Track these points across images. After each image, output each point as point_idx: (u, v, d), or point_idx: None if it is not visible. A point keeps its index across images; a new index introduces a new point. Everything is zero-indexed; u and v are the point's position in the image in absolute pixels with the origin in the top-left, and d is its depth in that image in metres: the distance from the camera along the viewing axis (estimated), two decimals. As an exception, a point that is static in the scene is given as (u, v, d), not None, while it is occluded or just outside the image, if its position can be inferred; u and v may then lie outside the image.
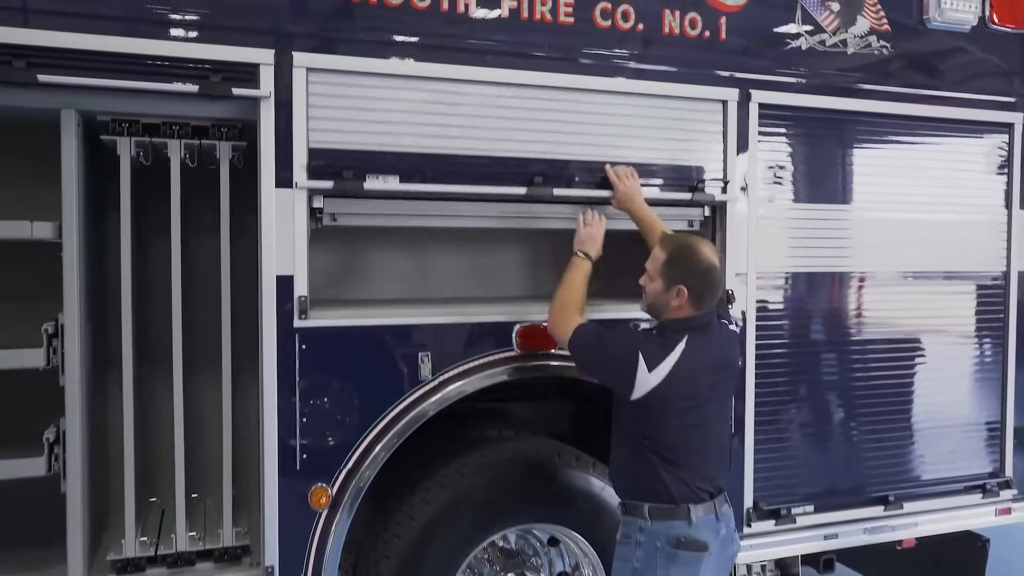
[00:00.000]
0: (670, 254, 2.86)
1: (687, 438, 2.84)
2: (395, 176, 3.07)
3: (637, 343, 2.82)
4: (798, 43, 3.64)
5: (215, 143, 3.03)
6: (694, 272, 2.83)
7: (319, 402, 3.03)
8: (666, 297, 2.85)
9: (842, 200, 3.78)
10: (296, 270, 2.98)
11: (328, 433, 3.05)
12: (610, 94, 3.34)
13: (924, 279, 3.98)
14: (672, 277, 2.83)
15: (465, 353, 3.23)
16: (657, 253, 2.91)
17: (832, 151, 3.77)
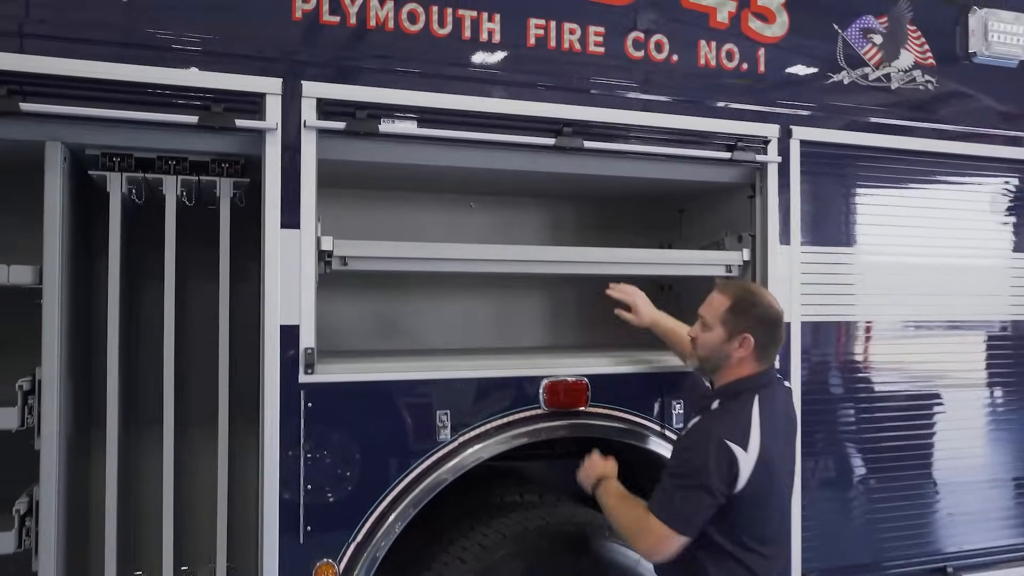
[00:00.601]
0: (735, 298, 2.58)
1: (780, 519, 2.54)
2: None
3: (715, 432, 2.42)
4: (840, 77, 3.42)
5: (215, 180, 2.76)
6: (763, 319, 2.55)
7: (326, 466, 2.72)
8: (727, 348, 2.55)
9: (893, 244, 3.51)
10: (302, 319, 2.69)
11: (336, 501, 2.73)
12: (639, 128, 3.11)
13: (983, 328, 3.71)
14: (737, 324, 2.54)
15: (487, 411, 2.92)
16: (716, 298, 2.62)
17: (879, 191, 3.52)
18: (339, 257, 2.81)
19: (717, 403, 2.56)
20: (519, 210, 3.87)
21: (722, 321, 2.56)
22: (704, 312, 2.63)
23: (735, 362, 2.56)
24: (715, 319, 2.58)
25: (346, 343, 3.43)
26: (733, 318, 2.55)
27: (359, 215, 3.51)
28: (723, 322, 2.56)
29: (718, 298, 2.61)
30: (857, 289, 3.44)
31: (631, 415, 3.09)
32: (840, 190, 3.45)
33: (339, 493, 2.73)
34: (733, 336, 2.54)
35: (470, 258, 3.08)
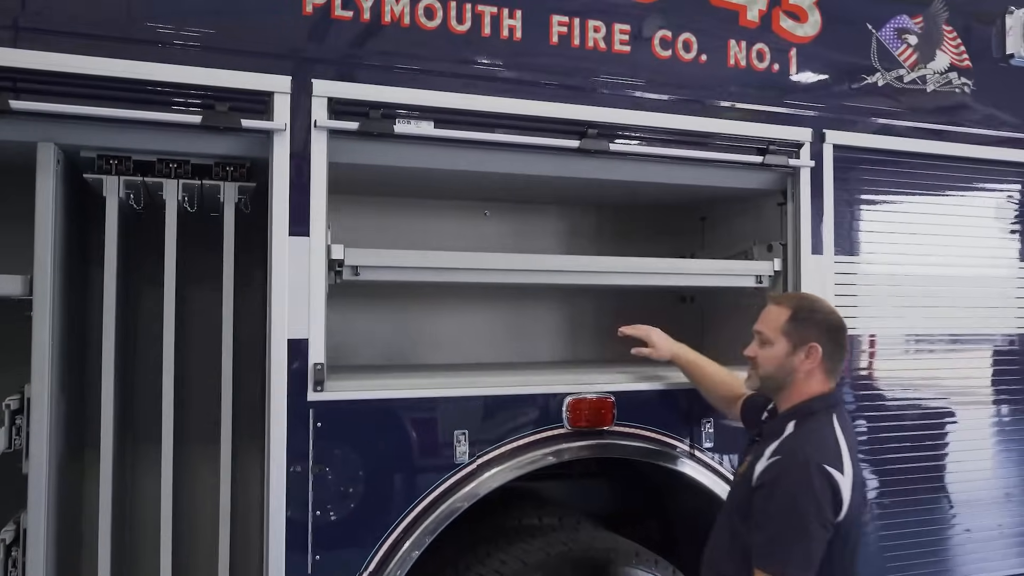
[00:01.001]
0: (795, 307, 2.40)
1: (859, 553, 2.35)
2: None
3: (810, 459, 2.19)
4: (874, 79, 3.26)
5: (219, 184, 2.59)
6: (827, 326, 2.37)
7: (336, 491, 2.53)
8: (792, 362, 2.36)
9: (930, 254, 3.34)
10: (311, 332, 2.52)
11: (346, 528, 2.54)
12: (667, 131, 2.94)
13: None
14: (801, 335, 2.35)
15: (507, 431, 2.74)
16: (773, 310, 2.43)
17: (915, 198, 3.35)
18: (350, 266, 2.65)
19: (792, 425, 2.33)
20: (535, 218, 3.71)
21: (784, 333, 2.37)
22: (762, 327, 2.44)
23: (802, 377, 2.36)
24: (775, 332, 2.39)
25: (356, 357, 3.26)
26: (796, 328, 2.36)
27: (369, 222, 3.34)
28: (785, 334, 2.37)
29: (775, 310, 2.43)
30: (894, 301, 3.26)
31: (660, 435, 2.92)
32: (875, 197, 3.28)
33: (350, 519, 2.54)
34: (798, 347, 2.35)
35: (487, 268, 2.92)
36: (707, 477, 2.98)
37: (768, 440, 2.35)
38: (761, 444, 2.38)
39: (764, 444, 2.35)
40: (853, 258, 3.22)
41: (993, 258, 3.47)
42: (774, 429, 2.38)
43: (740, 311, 3.50)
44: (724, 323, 3.67)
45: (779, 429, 2.35)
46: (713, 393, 2.89)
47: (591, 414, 2.81)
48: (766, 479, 2.24)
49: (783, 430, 2.33)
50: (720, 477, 2.99)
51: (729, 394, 2.85)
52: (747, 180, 3.16)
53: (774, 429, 2.38)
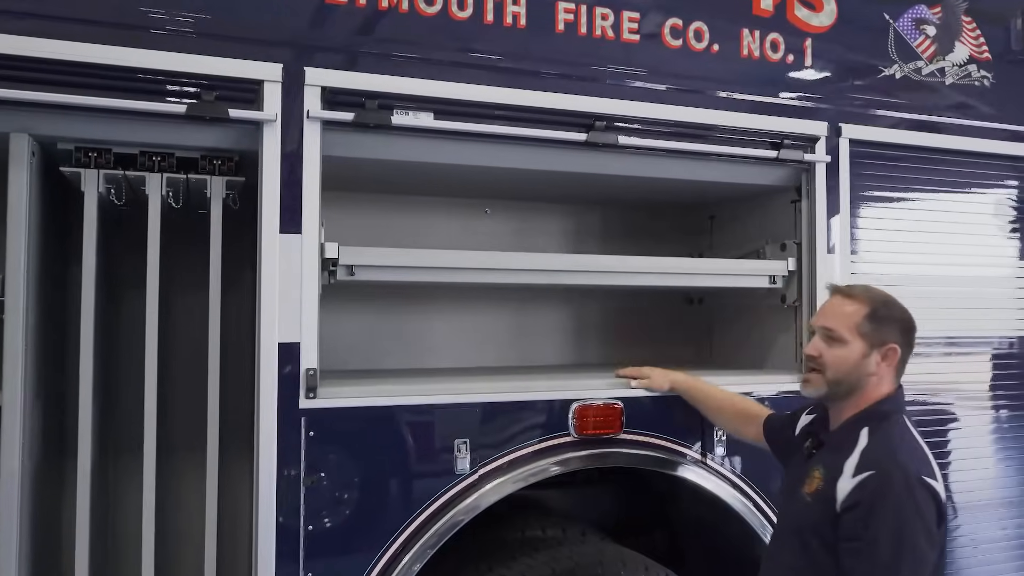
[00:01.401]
0: (873, 303, 2.17)
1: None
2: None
3: (907, 470, 1.99)
4: (891, 71, 3.13)
5: (205, 178, 2.44)
6: (906, 326, 2.18)
7: (330, 504, 2.39)
8: (868, 365, 2.14)
9: (950, 254, 3.21)
10: (303, 336, 2.37)
11: (341, 543, 2.40)
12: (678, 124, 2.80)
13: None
14: (879, 334, 2.14)
15: (510, 440, 2.59)
16: (844, 304, 2.19)
17: (934, 195, 3.22)
18: (345, 266, 2.50)
19: (866, 434, 2.10)
20: (538, 216, 3.57)
21: (860, 332, 2.14)
22: (832, 323, 2.18)
23: (872, 384, 2.16)
24: (850, 330, 2.15)
25: (351, 362, 3.11)
26: (874, 327, 2.14)
27: (365, 220, 3.19)
28: (862, 333, 2.14)
29: (847, 304, 2.18)
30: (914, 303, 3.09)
31: (670, 442, 2.78)
32: (893, 194, 3.15)
33: (345, 533, 2.40)
34: (875, 348, 2.14)
35: (489, 267, 2.78)
36: (719, 487, 2.85)
37: (838, 453, 2.11)
38: (828, 457, 2.14)
39: (834, 457, 2.11)
40: (870, 258, 3.09)
41: (1019, 257, 3.33)
42: (842, 440, 2.14)
43: (750, 313, 3.38)
44: (733, 325, 3.54)
45: (849, 439, 2.11)
46: (721, 416, 2.74)
47: (599, 421, 2.67)
48: (860, 498, 1.99)
49: (855, 440, 2.10)
50: (732, 486, 2.85)
51: (741, 415, 2.70)
52: (760, 176, 3.02)
53: (842, 440, 2.14)
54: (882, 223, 3.12)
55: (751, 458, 2.86)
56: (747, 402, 2.73)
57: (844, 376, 2.17)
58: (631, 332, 3.67)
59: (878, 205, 3.12)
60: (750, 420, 2.65)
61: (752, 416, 2.66)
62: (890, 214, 3.15)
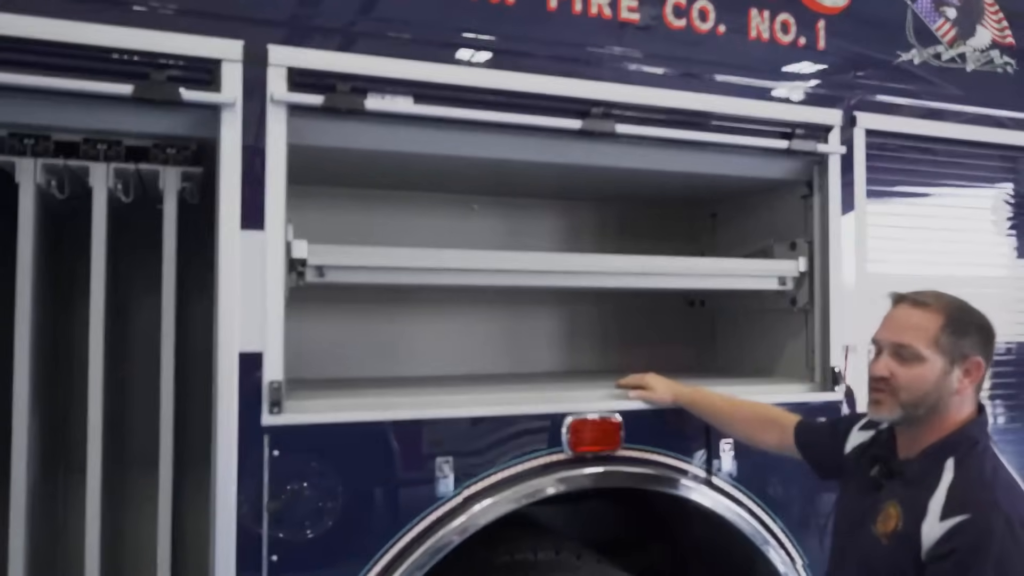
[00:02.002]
0: (950, 312, 1.88)
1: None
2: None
3: (1010, 514, 1.72)
4: (909, 56, 2.90)
5: (158, 169, 2.19)
6: (986, 335, 1.90)
7: (296, 532, 2.14)
8: (950, 382, 1.86)
9: (974, 252, 2.99)
10: (267, 345, 2.13)
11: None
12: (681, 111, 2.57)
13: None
14: (960, 347, 1.85)
15: (499, 458, 2.36)
16: (914, 316, 1.89)
17: (957, 190, 3.00)
18: (315, 266, 2.26)
19: (952, 465, 1.82)
20: (528, 214, 3.33)
21: (939, 346, 1.85)
22: (905, 338, 1.88)
23: (957, 402, 1.88)
24: (929, 344, 1.85)
25: (321, 372, 2.87)
26: (954, 340, 1.85)
27: (337, 218, 2.95)
28: (940, 347, 1.85)
29: (918, 314, 1.89)
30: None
31: (673, 459, 2.55)
32: (911, 188, 2.94)
33: (313, 566, 2.15)
34: (956, 364, 1.85)
35: (476, 268, 2.53)
36: (726, 507, 2.61)
37: (918, 488, 1.83)
38: (906, 492, 1.86)
39: (914, 493, 1.84)
40: (887, 258, 2.85)
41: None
42: (922, 472, 1.86)
43: (756, 317, 3.16)
44: (737, 330, 3.32)
45: (931, 472, 1.83)
46: (735, 426, 2.50)
47: (596, 437, 2.44)
48: (955, 547, 1.71)
49: (939, 472, 1.82)
50: (739, 505, 2.62)
51: (758, 422, 2.45)
52: (768, 169, 2.80)
53: (922, 472, 1.86)
54: (900, 220, 2.90)
55: (760, 476, 2.63)
56: (763, 407, 2.49)
57: (923, 398, 1.87)
58: (628, 337, 3.44)
59: (896, 201, 2.90)
60: (769, 426, 2.42)
61: (771, 422, 2.42)
62: (909, 210, 2.93)
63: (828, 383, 2.73)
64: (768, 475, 2.64)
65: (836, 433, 2.23)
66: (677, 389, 2.55)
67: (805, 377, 2.83)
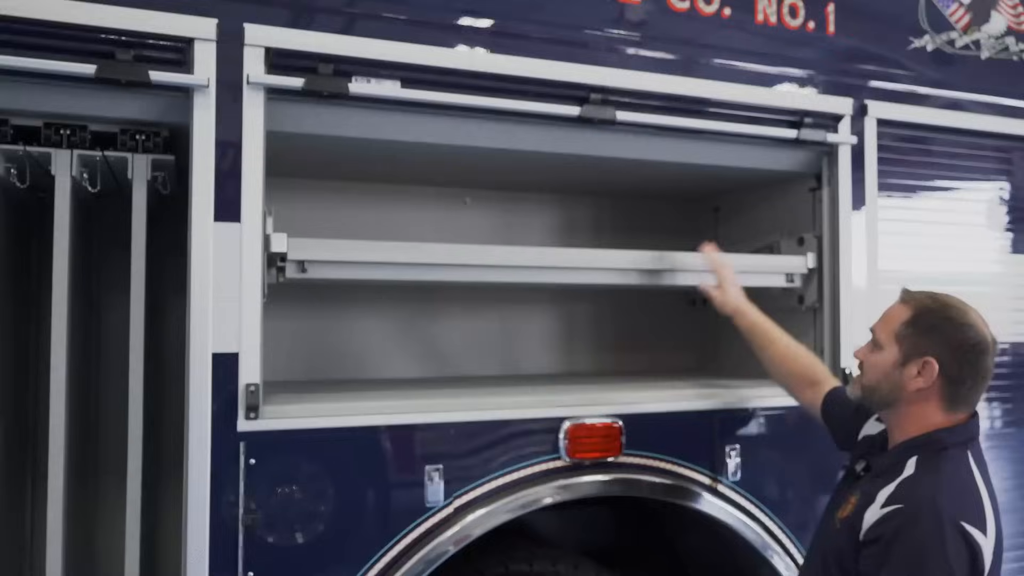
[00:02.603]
0: (919, 309, 1.87)
1: None
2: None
3: (944, 511, 1.69)
4: (922, 42, 2.77)
5: (126, 156, 2.04)
6: (957, 343, 1.81)
7: (274, 546, 2.00)
8: (900, 375, 1.84)
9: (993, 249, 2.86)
10: (244, 345, 1.99)
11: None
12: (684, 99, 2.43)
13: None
14: (916, 344, 1.83)
15: (492, 466, 2.21)
16: (894, 310, 1.93)
17: (973, 183, 2.87)
18: (295, 261, 2.12)
19: (914, 463, 1.80)
20: (522, 208, 3.19)
21: (897, 338, 1.86)
22: (877, 327, 1.94)
23: (912, 397, 1.84)
24: (888, 336, 1.88)
25: (302, 374, 2.73)
26: (912, 335, 1.84)
27: (319, 213, 2.81)
28: (898, 339, 1.85)
29: (897, 309, 1.91)
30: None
31: (677, 466, 2.41)
32: (924, 182, 2.80)
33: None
34: (910, 359, 1.83)
35: (467, 263, 2.38)
36: (730, 515, 2.48)
37: (880, 479, 1.82)
38: (870, 484, 1.85)
39: (875, 484, 1.82)
40: (899, 254, 2.72)
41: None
42: (888, 465, 1.86)
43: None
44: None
45: (895, 466, 1.83)
46: (780, 368, 2.38)
47: (595, 443, 2.30)
48: (880, 533, 1.73)
49: (901, 468, 1.81)
50: (746, 514, 2.49)
51: (803, 375, 2.35)
52: (775, 160, 2.66)
53: (888, 465, 1.86)
54: (912, 214, 2.78)
55: (766, 481, 2.51)
56: (813, 360, 2.39)
57: (875, 384, 1.91)
58: (626, 338, 3.31)
59: (908, 194, 2.77)
60: (811, 384, 2.32)
61: (816, 380, 2.32)
62: (921, 204, 2.80)
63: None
64: (774, 480, 2.51)
65: (858, 415, 2.15)
66: (743, 305, 2.45)
67: (814, 379, 2.70)
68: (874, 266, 2.66)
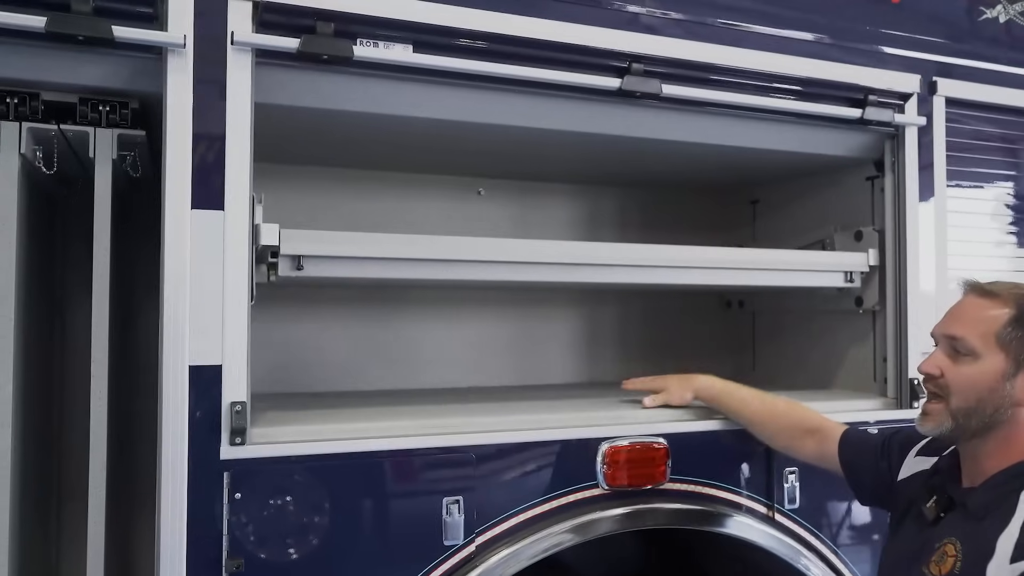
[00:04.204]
0: (1021, 302, 1.55)
1: None
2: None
3: None
4: (994, 13, 2.48)
5: (86, 131, 1.71)
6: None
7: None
8: (1009, 389, 1.52)
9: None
10: (228, 356, 1.67)
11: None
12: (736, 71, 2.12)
13: None
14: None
15: (519, 497, 1.89)
16: (979, 307, 1.58)
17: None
18: (289, 256, 1.80)
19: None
20: (540, 200, 2.89)
21: (1000, 342, 1.53)
22: (959, 329, 1.58)
23: (1018, 415, 1.53)
24: (985, 340, 1.54)
25: (297, 387, 2.41)
26: (1022, 337, 1.52)
27: (313, 203, 2.51)
28: (1002, 343, 1.53)
29: (984, 305, 1.58)
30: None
31: (729, 492, 2.10)
32: (998, 171, 2.50)
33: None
34: (1023, 366, 1.52)
35: (483, 259, 2.05)
36: (787, 547, 2.17)
37: (984, 522, 1.50)
38: (968, 527, 1.53)
39: (979, 529, 1.50)
40: (971, 250, 2.43)
41: None
42: (989, 503, 1.53)
43: (806, 319, 2.73)
44: (783, 334, 2.88)
45: (1001, 504, 1.50)
46: (767, 428, 2.06)
47: (638, 468, 1.98)
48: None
49: (1012, 506, 1.48)
50: (804, 545, 2.18)
51: (794, 426, 2.03)
52: (832, 143, 2.36)
53: (989, 503, 1.53)
54: (984, 206, 2.47)
55: (830, 510, 2.20)
56: (800, 409, 2.07)
57: (976, 405, 1.55)
58: (656, 343, 3.01)
59: (980, 184, 2.47)
60: (809, 432, 2.00)
61: (812, 428, 2.01)
62: (994, 195, 2.49)
63: (905, 398, 2.30)
64: (836, 507, 2.21)
65: (888, 453, 1.84)
66: (697, 384, 2.12)
67: (874, 391, 2.40)
68: (943, 263, 2.36)
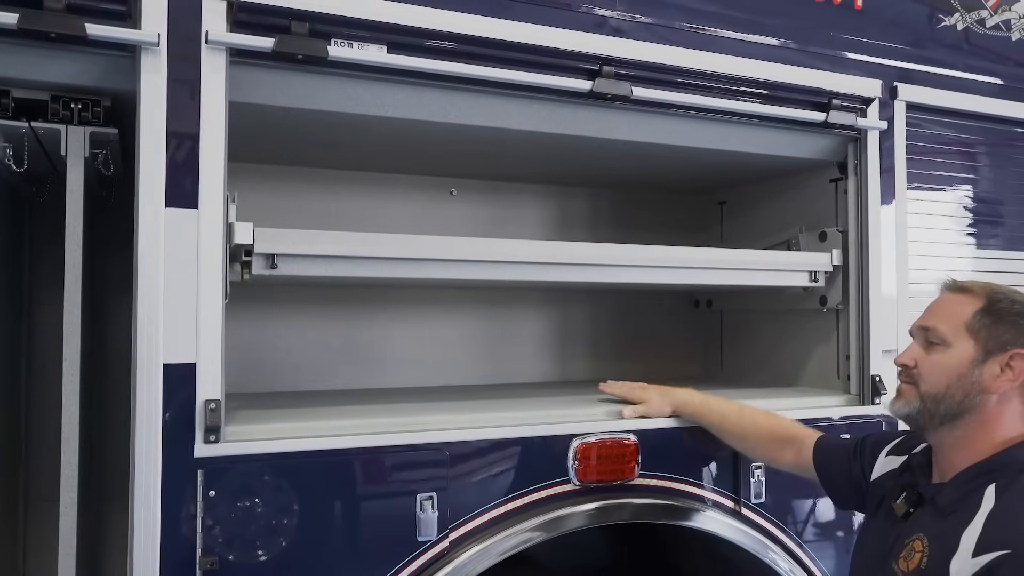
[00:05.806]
0: (990, 296, 1.60)
1: None
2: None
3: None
4: (952, 20, 2.55)
5: (58, 128, 1.71)
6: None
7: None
8: (980, 375, 1.56)
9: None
10: (202, 354, 1.67)
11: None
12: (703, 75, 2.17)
13: None
14: (999, 335, 1.56)
15: (490, 493, 1.92)
16: (953, 301, 1.64)
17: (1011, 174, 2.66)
18: (264, 255, 1.81)
19: (993, 491, 1.51)
20: (513, 200, 2.91)
21: (971, 331, 1.58)
22: (933, 321, 1.63)
23: (993, 404, 1.56)
24: (956, 329, 1.59)
25: (271, 385, 2.41)
26: (992, 325, 1.57)
27: (285, 203, 2.52)
28: (972, 332, 1.58)
29: (955, 299, 1.64)
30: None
31: (697, 487, 2.14)
32: (957, 173, 2.58)
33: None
34: (991, 354, 1.56)
35: (454, 258, 2.07)
36: (753, 540, 2.22)
37: (951, 518, 1.53)
38: (935, 523, 1.56)
39: (945, 524, 1.53)
40: (930, 250, 2.50)
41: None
42: (957, 499, 1.55)
43: (773, 318, 2.80)
44: (750, 334, 2.94)
45: (968, 499, 1.53)
46: (747, 440, 2.11)
47: (608, 464, 2.02)
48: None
49: (978, 501, 1.51)
50: (770, 539, 2.23)
51: (772, 437, 2.07)
52: (797, 146, 2.42)
53: (957, 499, 1.55)
54: (943, 207, 2.55)
55: (794, 505, 2.26)
56: (781, 421, 2.11)
57: (945, 390, 1.59)
58: (625, 343, 3.06)
59: (940, 186, 2.54)
60: (786, 442, 2.05)
61: (789, 438, 2.05)
62: (952, 196, 2.57)
63: (868, 395, 2.36)
64: (801, 502, 2.26)
65: (861, 455, 1.89)
66: (676, 397, 2.15)
67: (838, 388, 2.46)
68: (904, 264, 2.43)
